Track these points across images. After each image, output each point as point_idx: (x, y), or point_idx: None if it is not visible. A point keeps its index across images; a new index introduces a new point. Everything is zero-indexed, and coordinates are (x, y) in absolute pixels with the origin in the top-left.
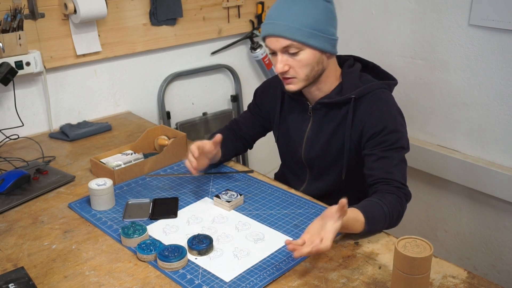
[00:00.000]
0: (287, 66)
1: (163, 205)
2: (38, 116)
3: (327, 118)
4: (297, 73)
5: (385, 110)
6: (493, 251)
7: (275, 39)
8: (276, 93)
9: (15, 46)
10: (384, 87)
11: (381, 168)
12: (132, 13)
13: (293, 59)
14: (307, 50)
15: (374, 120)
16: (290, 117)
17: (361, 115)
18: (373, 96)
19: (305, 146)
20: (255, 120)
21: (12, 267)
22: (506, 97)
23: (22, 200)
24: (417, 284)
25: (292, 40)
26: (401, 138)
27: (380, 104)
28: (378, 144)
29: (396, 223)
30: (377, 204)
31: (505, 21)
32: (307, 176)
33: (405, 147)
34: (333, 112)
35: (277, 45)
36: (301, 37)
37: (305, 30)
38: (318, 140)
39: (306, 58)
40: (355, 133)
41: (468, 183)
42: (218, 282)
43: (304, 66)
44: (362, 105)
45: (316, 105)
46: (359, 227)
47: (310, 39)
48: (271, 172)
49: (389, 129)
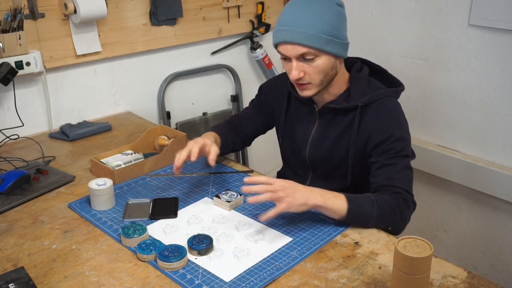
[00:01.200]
0: (302, 72)
1: (163, 205)
2: (38, 116)
3: (333, 123)
4: (312, 79)
5: (392, 119)
6: (493, 251)
7: (291, 46)
8: (282, 92)
9: (15, 46)
10: (392, 95)
11: (383, 175)
12: (132, 13)
13: (309, 65)
14: (323, 56)
15: (381, 128)
16: (296, 118)
17: (368, 123)
18: (380, 104)
19: (309, 148)
20: (258, 117)
21: (12, 267)
22: (506, 97)
23: (22, 200)
24: (417, 284)
25: (309, 47)
26: (407, 146)
27: (387, 112)
28: (383, 152)
29: (394, 220)
30: (362, 194)
31: (505, 21)
32: (310, 177)
33: (410, 155)
34: (340, 117)
35: (293, 52)
36: (319, 44)
37: (323, 37)
38: (323, 143)
39: (322, 64)
40: (361, 140)
41: (468, 183)
42: (218, 282)
43: (320, 72)
44: (369, 113)
45: (322, 109)
46: (342, 203)
47: (327, 46)
48: (271, 172)
49: (395, 137)
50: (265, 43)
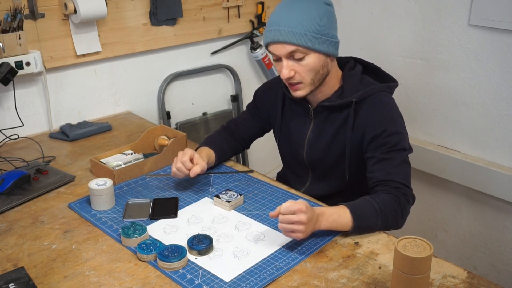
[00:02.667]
0: (292, 71)
1: (163, 205)
2: (38, 116)
3: (328, 121)
4: (303, 78)
5: (386, 113)
6: (493, 251)
7: (280, 45)
8: (277, 95)
9: (15, 46)
10: (385, 90)
11: (381, 170)
12: (132, 13)
13: (299, 64)
14: (312, 54)
15: (375, 123)
16: (292, 119)
17: (362, 118)
18: (374, 99)
19: (306, 149)
20: (254, 121)
21: (12, 267)
22: (506, 97)
23: (22, 200)
24: (417, 284)
25: (297, 45)
26: (402, 139)
27: (381, 107)
28: (379, 147)
29: (396, 223)
30: (366, 201)
31: (505, 21)
32: (309, 177)
33: (407, 149)
34: (334, 115)
35: (282, 51)
36: (306, 42)
37: (310, 35)
38: (320, 142)
39: (312, 63)
40: (356, 136)
41: (468, 183)
42: (218, 282)
43: (310, 70)
44: (363, 108)
45: (317, 108)
46: (346, 222)
47: (315, 44)
48: (271, 172)
49: (390, 131)
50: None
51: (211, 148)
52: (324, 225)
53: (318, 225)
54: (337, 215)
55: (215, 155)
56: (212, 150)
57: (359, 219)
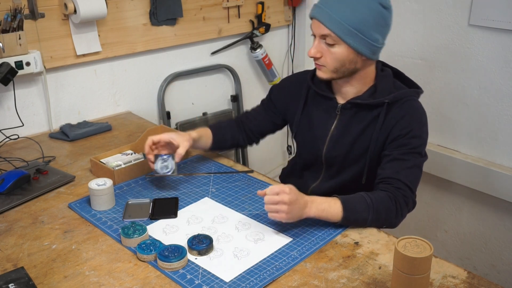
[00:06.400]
0: (319, 53)
1: (163, 205)
2: (38, 116)
3: (355, 119)
4: (326, 63)
5: (416, 116)
6: (493, 251)
7: (317, 23)
8: (300, 89)
9: (15, 46)
10: (415, 95)
11: (391, 168)
12: (132, 13)
13: (328, 49)
14: (343, 45)
15: (404, 123)
16: (314, 114)
17: (391, 119)
18: (405, 103)
19: (328, 144)
20: (266, 115)
21: (12, 267)
22: (506, 97)
23: (22, 200)
24: (417, 284)
25: (330, 30)
26: (422, 145)
27: (412, 110)
28: (399, 146)
29: (389, 220)
30: (359, 195)
31: (505, 21)
32: (323, 173)
33: (423, 155)
34: (363, 113)
35: (317, 30)
36: (338, 31)
37: (345, 26)
38: (343, 139)
39: (340, 53)
40: (382, 136)
41: (468, 183)
42: (218, 282)
43: (335, 60)
44: (393, 110)
45: (346, 104)
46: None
47: (347, 37)
48: (271, 172)
49: (414, 134)
50: (265, 43)
51: (212, 130)
52: (314, 212)
53: (307, 211)
54: (328, 205)
55: (213, 137)
56: (211, 132)
57: (349, 211)
